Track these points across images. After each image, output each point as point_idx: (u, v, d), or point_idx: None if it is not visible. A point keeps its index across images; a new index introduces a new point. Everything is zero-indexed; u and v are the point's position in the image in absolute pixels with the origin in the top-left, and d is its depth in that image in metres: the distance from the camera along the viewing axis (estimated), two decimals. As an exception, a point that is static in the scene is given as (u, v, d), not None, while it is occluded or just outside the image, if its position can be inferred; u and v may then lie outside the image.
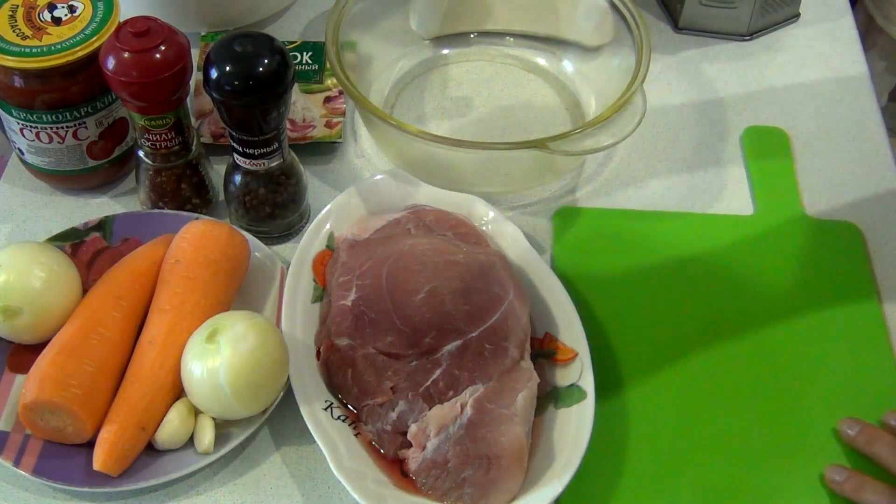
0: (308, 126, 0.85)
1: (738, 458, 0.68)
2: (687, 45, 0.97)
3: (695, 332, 0.74)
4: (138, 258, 0.72)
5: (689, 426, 0.69)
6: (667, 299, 0.76)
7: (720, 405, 0.70)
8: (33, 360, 0.69)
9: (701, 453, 0.68)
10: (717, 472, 0.67)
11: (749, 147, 0.87)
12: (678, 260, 0.78)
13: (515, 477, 0.63)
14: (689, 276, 0.77)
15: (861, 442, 0.67)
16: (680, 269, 0.78)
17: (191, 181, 0.78)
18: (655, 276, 0.77)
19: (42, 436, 0.65)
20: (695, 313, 0.75)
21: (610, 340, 0.73)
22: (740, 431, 0.69)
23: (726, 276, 0.77)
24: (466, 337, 0.66)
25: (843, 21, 1.00)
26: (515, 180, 0.82)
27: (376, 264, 0.71)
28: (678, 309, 0.75)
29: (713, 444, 0.68)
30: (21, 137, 0.77)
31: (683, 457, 0.68)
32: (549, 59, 0.94)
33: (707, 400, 0.70)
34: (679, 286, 0.77)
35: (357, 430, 0.66)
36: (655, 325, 0.74)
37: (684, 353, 0.73)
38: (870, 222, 0.81)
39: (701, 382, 0.71)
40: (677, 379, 0.71)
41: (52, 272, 0.68)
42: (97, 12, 0.74)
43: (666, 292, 0.76)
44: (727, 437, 0.68)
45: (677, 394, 0.71)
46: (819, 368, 0.72)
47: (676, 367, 0.72)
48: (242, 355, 0.63)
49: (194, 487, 0.66)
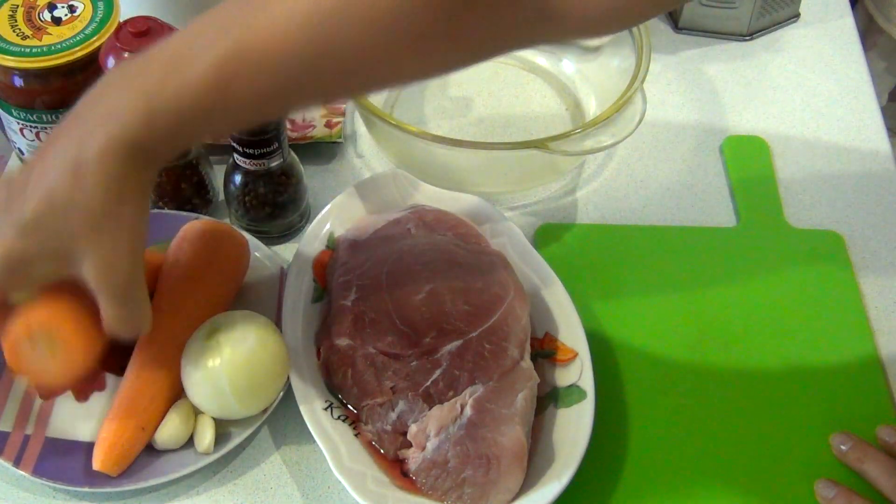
0: (308, 126, 0.85)
1: (732, 464, 0.67)
2: (687, 45, 0.97)
3: (685, 343, 0.73)
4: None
5: (685, 434, 0.69)
6: (659, 309, 0.76)
7: (713, 414, 0.70)
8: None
9: (697, 458, 0.68)
10: (712, 474, 0.67)
11: (729, 157, 0.86)
12: (668, 272, 0.78)
13: (515, 477, 0.63)
14: (678, 288, 0.77)
15: (852, 458, 0.66)
16: (670, 280, 0.77)
17: (191, 181, 0.78)
18: (645, 288, 0.77)
19: (25, 373, 0.62)
20: (685, 325, 0.75)
21: (609, 346, 0.73)
22: (732, 441, 0.68)
23: (713, 289, 0.77)
24: (466, 337, 0.66)
25: (843, 21, 1.00)
26: (515, 180, 0.82)
27: (376, 264, 0.71)
28: (669, 320, 0.75)
29: (708, 450, 0.68)
30: (21, 137, 0.77)
31: (680, 459, 0.68)
32: (549, 59, 0.94)
33: (700, 409, 0.70)
34: (670, 297, 0.76)
35: (357, 430, 0.66)
36: (649, 334, 0.74)
37: (677, 362, 0.72)
38: (853, 230, 0.81)
39: (694, 392, 0.71)
40: (673, 387, 0.71)
41: None
42: (97, 12, 0.74)
43: (657, 303, 0.76)
44: (720, 445, 0.68)
45: (673, 401, 0.70)
46: (806, 379, 0.72)
47: (671, 376, 0.72)
48: (242, 355, 0.63)
49: (194, 487, 0.66)
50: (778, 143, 0.88)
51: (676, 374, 0.72)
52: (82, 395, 0.68)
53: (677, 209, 0.83)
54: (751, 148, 0.87)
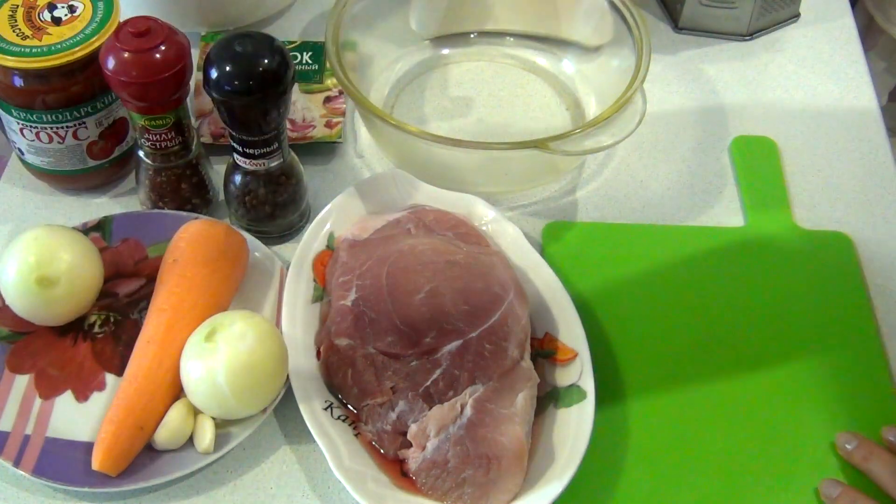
0: (308, 126, 0.85)
1: (735, 464, 0.67)
2: (687, 45, 0.97)
3: (690, 343, 0.73)
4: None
5: (688, 433, 0.69)
6: (662, 310, 0.75)
7: (717, 413, 0.70)
8: (32, 361, 0.69)
9: (699, 457, 0.68)
10: (715, 473, 0.67)
11: (738, 158, 0.86)
12: (672, 272, 0.78)
13: (515, 477, 0.63)
14: (683, 288, 0.77)
15: (858, 458, 0.66)
16: (674, 280, 0.77)
17: (191, 181, 0.78)
18: (648, 288, 0.77)
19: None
20: (690, 325, 0.74)
21: (609, 346, 0.73)
22: (736, 440, 0.68)
23: (720, 289, 0.77)
24: (466, 337, 0.66)
25: (843, 21, 1.00)
26: (515, 180, 0.82)
27: (376, 264, 0.71)
28: (673, 320, 0.75)
29: (710, 449, 0.68)
30: (21, 137, 0.77)
31: (682, 458, 0.68)
32: (549, 59, 0.94)
33: (703, 408, 0.70)
34: (674, 297, 0.76)
35: (357, 430, 0.66)
36: (650, 334, 0.74)
37: (680, 362, 0.72)
38: (861, 231, 0.81)
39: (697, 391, 0.71)
40: (675, 387, 0.71)
41: (86, 249, 0.71)
42: (97, 12, 0.74)
43: (661, 303, 0.76)
44: (724, 444, 0.68)
45: (675, 400, 0.70)
46: (813, 379, 0.72)
47: (673, 375, 0.72)
48: (241, 354, 0.63)
49: (194, 487, 0.66)
50: (778, 142, 0.88)
51: (678, 374, 0.72)
52: (82, 396, 0.69)
53: (677, 209, 0.83)
54: (760, 148, 0.87)
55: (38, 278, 0.67)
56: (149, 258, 0.75)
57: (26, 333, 0.71)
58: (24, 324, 0.70)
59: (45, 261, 0.68)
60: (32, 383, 0.69)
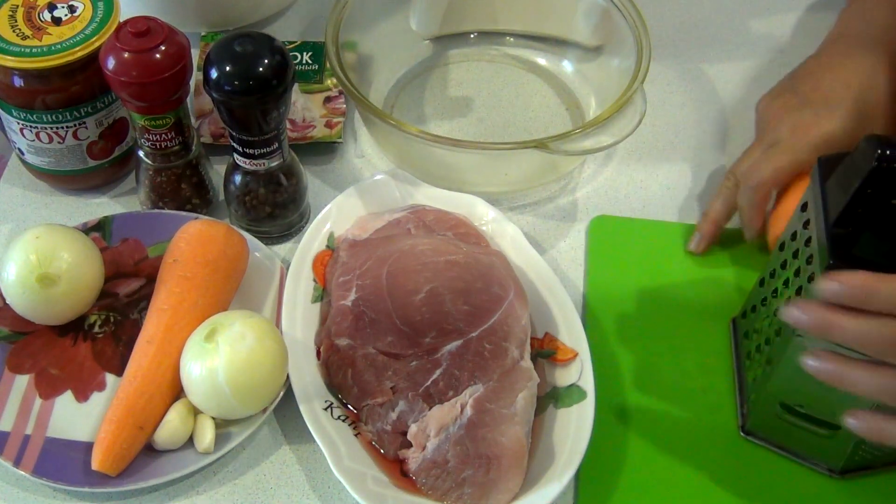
0: (308, 126, 0.85)
1: (734, 464, 0.67)
2: (687, 45, 0.97)
3: (690, 342, 0.73)
4: None
5: (688, 433, 0.69)
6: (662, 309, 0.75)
7: (718, 408, 0.70)
8: (32, 361, 0.69)
9: (700, 454, 0.68)
10: (716, 473, 0.67)
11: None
12: (672, 271, 0.78)
13: (515, 477, 0.63)
14: (683, 287, 0.77)
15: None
16: (674, 279, 0.77)
17: (191, 181, 0.78)
18: (648, 288, 0.77)
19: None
20: (690, 324, 0.74)
21: (609, 346, 0.73)
22: (735, 442, 0.68)
23: (720, 288, 0.77)
24: (466, 337, 0.66)
25: (843, 21, 0.99)
26: (515, 180, 0.82)
27: (376, 264, 0.71)
28: (673, 320, 0.75)
29: (712, 446, 0.68)
30: (21, 137, 0.77)
31: (682, 458, 0.68)
32: (549, 59, 0.94)
33: (702, 408, 0.70)
34: (674, 296, 0.76)
35: (357, 430, 0.66)
36: (651, 334, 0.74)
37: (678, 363, 0.72)
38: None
39: (694, 391, 0.71)
40: (672, 389, 0.71)
41: (87, 248, 0.71)
42: (97, 12, 0.74)
43: (661, 303, 0.76)
44: (722, 447, 0.68)
45: (675, 400, 0.70)
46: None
47: (673, 375, 0.72)
48: (241, 354, 0.63)
49: (194, 487, 0.66)
50: (778, 143, 0.88)
51: (679, 374, 0.72)
52: (82, 396, 0.69)
53: (678, 209, 0.83)
54: None
55: (40, 277, 0.67)
56: (149, 258, 0.75)
57: (26, 333, 0.71)
58: (24, 324, 0.70)
59: (47, 259, 0.68)
60: (32, 383, 0.69)
